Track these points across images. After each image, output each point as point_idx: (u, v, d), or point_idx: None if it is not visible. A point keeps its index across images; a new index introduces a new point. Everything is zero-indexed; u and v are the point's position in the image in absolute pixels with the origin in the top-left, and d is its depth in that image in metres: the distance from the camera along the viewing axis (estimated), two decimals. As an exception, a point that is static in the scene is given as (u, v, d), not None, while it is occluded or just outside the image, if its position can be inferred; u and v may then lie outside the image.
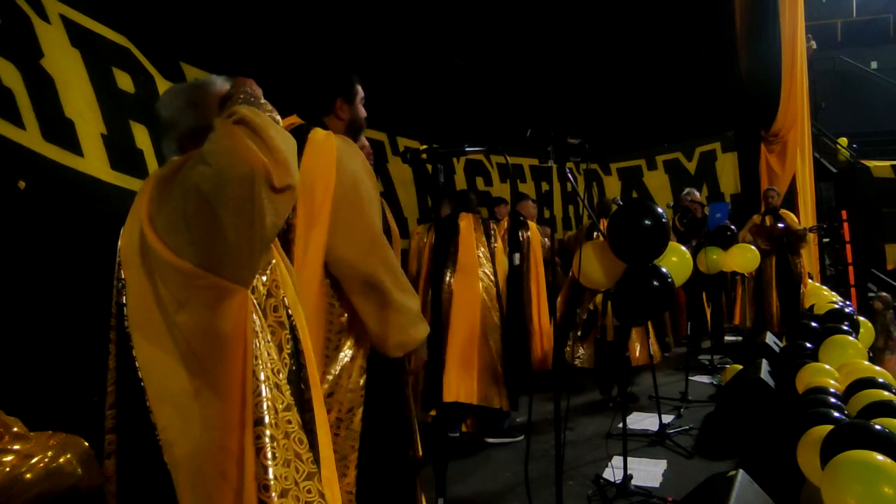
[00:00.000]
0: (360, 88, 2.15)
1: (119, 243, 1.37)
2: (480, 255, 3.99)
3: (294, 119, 2.07)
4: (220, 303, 1.24)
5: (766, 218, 6.26)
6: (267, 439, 1.26)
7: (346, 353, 1.98)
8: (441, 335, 3.89)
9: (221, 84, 1.48)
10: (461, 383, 3.85)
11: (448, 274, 3.95)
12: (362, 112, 2.17)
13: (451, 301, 3.92)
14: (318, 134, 1.94)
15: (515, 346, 4.12)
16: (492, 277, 4.01)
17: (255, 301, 1.33)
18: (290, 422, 1.32)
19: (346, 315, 1.96)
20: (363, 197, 1.94)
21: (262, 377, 1.29)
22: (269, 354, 1.32)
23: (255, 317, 1.31)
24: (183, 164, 1.26)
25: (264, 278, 1.38)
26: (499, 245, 4.16)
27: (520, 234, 4.80)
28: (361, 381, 1.99)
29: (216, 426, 1.24)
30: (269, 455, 1.25)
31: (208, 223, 1.19)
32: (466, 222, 4.06)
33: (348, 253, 1.88)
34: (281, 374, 1.34)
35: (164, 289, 1.23)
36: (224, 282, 1.23)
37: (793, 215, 6.49)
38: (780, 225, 6.16)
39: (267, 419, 1.27)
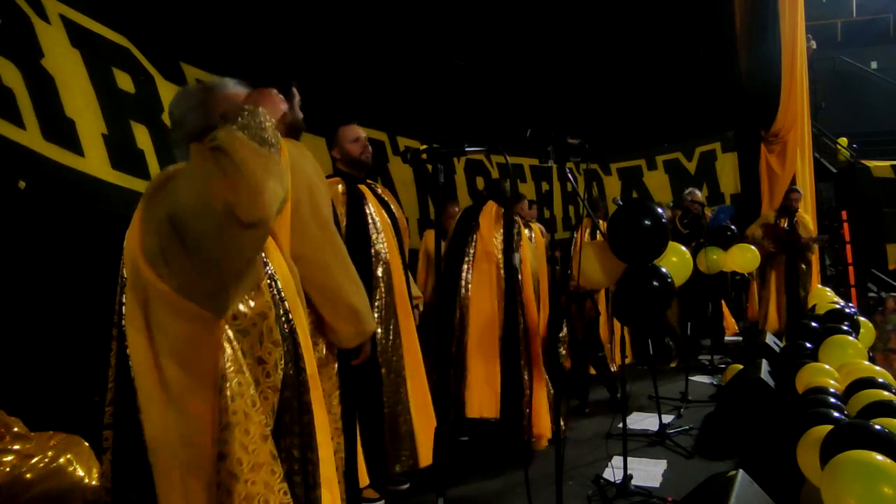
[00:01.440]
0: (296, 91, 2.19)
1: (125, 241, 1.38)
2: (496, 247, 3.87)
3: None
4: (194, 327, 1.24)
5: (781, 219, 6.21)
6: (225, 475, 1.26)
7: (320, 350, 2.12)
8: (453, 330, 3.81)
9: (233, 87, 1.48)
10: (483, 395, 3.67)
11: (465, 268, 3.84)
12: (300, 114, 2.20)
13: (468, 296, 3.80)
14: None
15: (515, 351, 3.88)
16: (502, 272, 3.86)
17: (237, 327, 1.32)
18: (258, 453, 1.30)
19: (312, 315, 2.05)
20: (318, 198, 2.05)
21: (231, 410, 1.28)
22: (240, 385, 1.30)
23: (230, 348, 1.29)
24: (168, 180, 1.25)
25: (252, 303, 1.36)
26: (524, 238, 3.97)
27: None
28: (336, 369, 2.17)
29: (190, 444, 1.25)
30: (226, 490, 1.26)
31: (180, 255, 1.18)
32: (487, 213, 3.93)
33: (306, 251, 1.97)
34: (258, 406, 1.32)
35: (154, 296, 1.24)
36: (200, 309, 1.22)
37: (809, 220, 6.43)
38: (786, 228, 6.14)
39: (229, 456, 1.27)
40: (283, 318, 1.44)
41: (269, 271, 1.45)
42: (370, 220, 2.94)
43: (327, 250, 2.05)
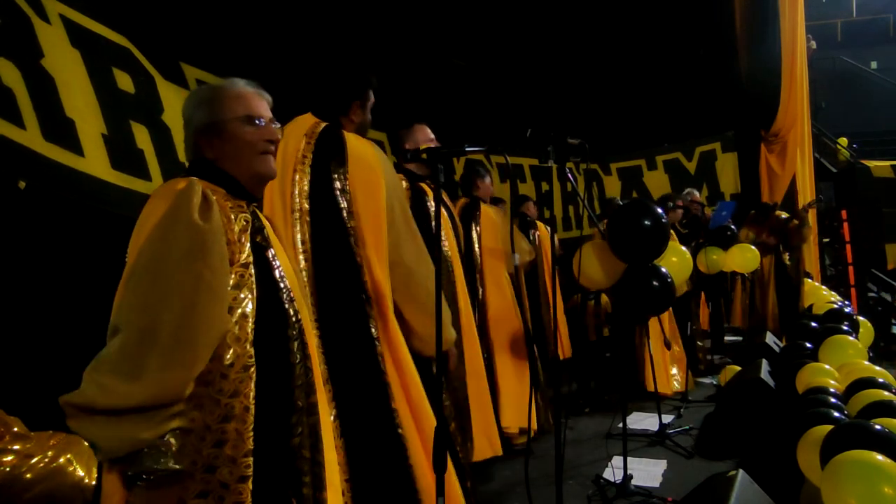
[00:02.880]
0: (372, 94, 2.28)
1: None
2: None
3: (309, 117, 2.18)
4: None
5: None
6: None
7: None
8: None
9: (242, 86, 1.49)
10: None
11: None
12: (370, 116, 2.28)
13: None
14: (351, 139, 2.08)
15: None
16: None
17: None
18: None
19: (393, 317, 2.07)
20: (405, 202, 2.12)
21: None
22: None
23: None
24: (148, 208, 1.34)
25: (242, 361, 1.35)
26: (482, 230, 3.75)
27: (530, 234, 4.77)
28: None
29: None
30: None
31: None
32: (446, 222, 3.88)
33: (406, 254, 2.04)
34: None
35: None
36: None
37: (784, 215, 6.46)
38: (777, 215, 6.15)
39: None
40: (293, 319, 1.45)
41: (279, 272, 1.45)
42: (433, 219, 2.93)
43: (421, 259, 2.08)
